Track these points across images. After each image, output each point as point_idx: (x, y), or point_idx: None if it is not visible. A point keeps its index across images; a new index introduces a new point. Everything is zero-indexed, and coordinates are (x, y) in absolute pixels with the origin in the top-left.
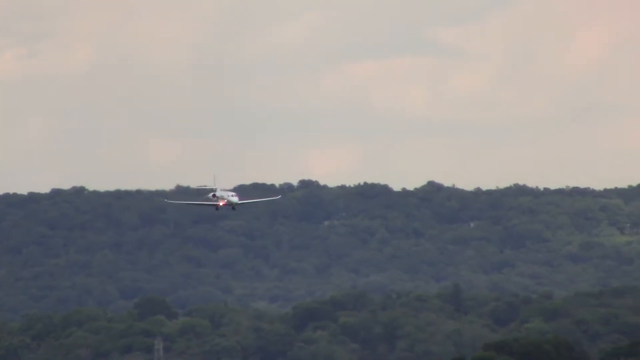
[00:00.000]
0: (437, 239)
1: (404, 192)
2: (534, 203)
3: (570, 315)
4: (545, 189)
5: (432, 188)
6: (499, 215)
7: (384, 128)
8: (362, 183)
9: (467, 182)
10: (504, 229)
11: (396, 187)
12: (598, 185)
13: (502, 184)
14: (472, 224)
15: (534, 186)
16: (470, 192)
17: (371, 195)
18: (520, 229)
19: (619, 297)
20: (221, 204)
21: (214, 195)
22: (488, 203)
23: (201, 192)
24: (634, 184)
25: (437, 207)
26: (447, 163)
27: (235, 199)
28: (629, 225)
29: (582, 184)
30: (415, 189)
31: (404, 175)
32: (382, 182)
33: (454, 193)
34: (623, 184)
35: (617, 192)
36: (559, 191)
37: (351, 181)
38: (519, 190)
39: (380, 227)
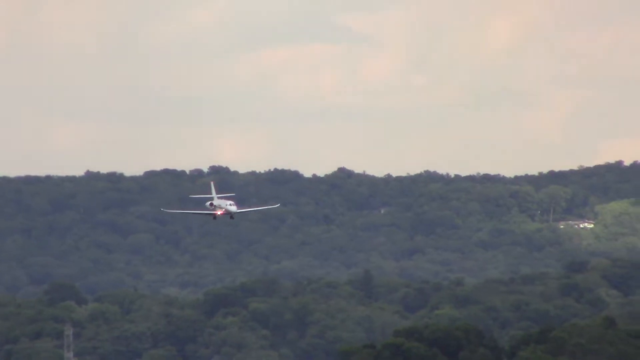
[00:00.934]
0: (348, 225)
1: (315, 179)
2: (444, 190)
3: (480, 302)
4: (455, 175)
5: (343, 174)
6: (409, 201)
7: (294, 114)
8: (272, 169)
9: (377, 168)
10: (415, 216)
11: (306, 173)
12: (508, 172)
13: (413, 171)
14: (382, 211)
15: (444, 173)
16: (381, 179)
17: (281, 182)
18: (431, 216)
19: (529, 284)
20: (219, 213)
21: (211, 204)
22: (398, 189)
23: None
24: (545, 171)
25: (348, 194)
26: (357, 149)
27: (233, 208)
28: (539, 212)
29: (492, 171)
30: (326, 175)
31: (314, 161)
32: (293, 168)
33: (364, 179)
34: (533, 171)
35: (527, 179)
36: (470, 178)
37: (262, 167)
38: (429, 177)
39: (291, 213)
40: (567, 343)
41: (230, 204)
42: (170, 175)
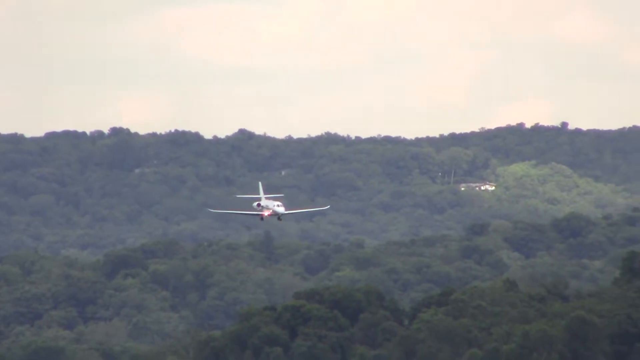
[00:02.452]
0: (249, 187)
1: (215, 140)
2: (345, 151)
3: (381, 264)
4: (356, 137)
5: (243, 136)
6: (310, 163)
7: (195, 75)
8: (173, 131)
9: (278, 130)
10: (316, 177)
11: (207, 134)
12: (409, 134)
13: (314, 133)
14: (283, 172)
15: (345, 135)
16: (282, 141)
17: (182, 143)
18: (332, 178)
19: (430, 246)
20: (266, 213)
21: (258, 205)
22: (299, 151)
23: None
24: (446, 133)
25: (249, 155)
26: (258, 111)
27: (281, 209)
28: (440, 174)
29: (393, 132)
30: (227, 136)
31: (215, 123)
32: (194, 129)
33: (265, 141)
34: (435, 133)
35: (428, 141)
36: (371, 140)
37: (162, 129)
38: (330, 139)
39: (192, 175)
40: (468, 305)
41: (278, 205)
42: (71, 137)
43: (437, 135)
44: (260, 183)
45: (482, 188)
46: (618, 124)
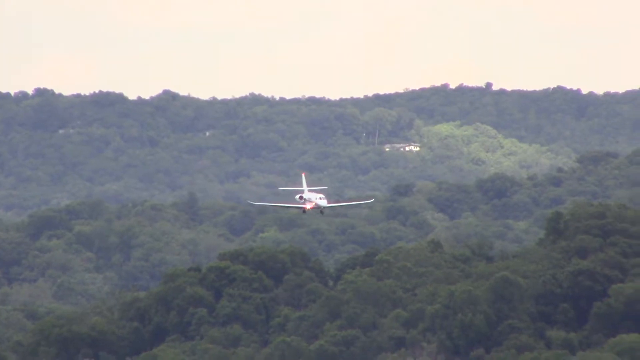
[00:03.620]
0: (173, 147)
1: (140, 101)
2: (269, 112)
3: (305, 225)
4: (280, 98)
5: (168, 97)
6: (234, 124)
7: (119, 36)
8: (97, 92)
9: (202, 91)
10: (240, 138)
11: (132, 95)
12: (334, 95)
13: (238, 94)
14: (207, 133)
15: (269, 96)
16: (206, 101)
17: (106, 104)
18: (256, 139)
19: (355, 207)
20: (308, 207)
21: (301, 197)
22: (223, 112)
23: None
24: (370, 93)
25: (173, 116)
26: (182, 72)
27: (324, 202)
28: (364, 134)
29: (317, 93)
30: (151, 97)
31: (139, 84)
32: (118, 90)
33: (189, 102)
34: (359, 93)
35: (352, 101)
36: (295, 100)
37: (86, 90)
38: (254, 100)
39: (116, 135)
40: (392, 266)
41: (321, 198)
42: None
43: (362, 96)
44: (304, 175)
45: (407, 149)
46: (542, 84)
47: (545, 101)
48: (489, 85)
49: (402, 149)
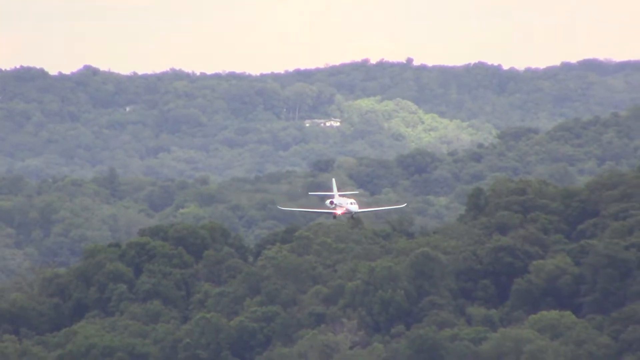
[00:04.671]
0: (93, 123)
1: (60, 76)
2: (190, 87)
3: (226, 201)
4: (201, 73)
5: (88, 72)
6: (155, 99)
7: (40, 11)
8: (18, 67)
9: (123, 65)
10: (160, 114)
11: (52, 70)
12: (255, 70)
13: (158, 69)
14: (128, 109)
15: (190, 71)
16: (126, 77)
17: (27, 79)
18: (176, 114)
19: (274, 183)
20: (339, 212)
21: (331, 202)
22: (144, 87)
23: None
24: (291, 68)
25: (93, 92)
26: (103, 47)
27: (355, 207)
28: (285, 110)
29: (238, 68)
30: (72, 73)
31: (60, 59)
32: (38, 65)
33: (109, 77)
34: (280, 68)
35: (273, 77)
36: (215, 76)
37: (7, 65)
38: (175, 75)
39: (36, 111)
40: (312, 242)
41: (352, 203)
42: None
43: (282, 71)
44: (334, 180)
45: (327, 124)
46: (463, 59)
47: (466, 77)
48: (409, 60)
49: (322, 125)
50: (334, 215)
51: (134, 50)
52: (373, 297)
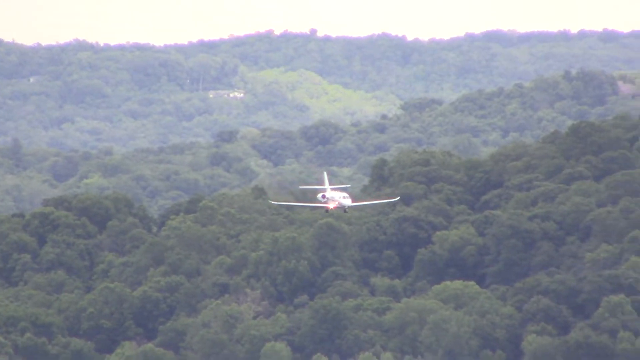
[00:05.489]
0: None
1: None
2: (94, 59)
3: (129, 172)
4: (105, 44)
5: None
6: (58, 70)
7: None
8: None
9: (27, 36)
10: (64, 85)
11: None
12: (158, 41)
13: (62, 39)
14: (31, 79)
15: (94, 42)
16: (30, 47)
17: None
18: (80, 85)
19: (178, 154)
20: (332, 206)
21: (323, 197)
22: (48, 58)
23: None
24: (194, 40)
25: None
26: (6, 17)
27: (348, 202)
28: (188, 81)
29: (142, 39)
30: None
31: None
32: None
33: (13, 48)
34: (183, 40)
35: (177, 48)
36: (119, 47)
37: None
38: (79, 46)
39: None
40: (216, 213)
41: (344, 197)
42: None
43: (186, 43)
44: (325, 173)
45: (231, 95)
46: (367, 31)
47: (370, 48)
48: (313, 31)
49: (226, 96)
50: (326, 210)
51: (37, 21)
52: (277, 268)
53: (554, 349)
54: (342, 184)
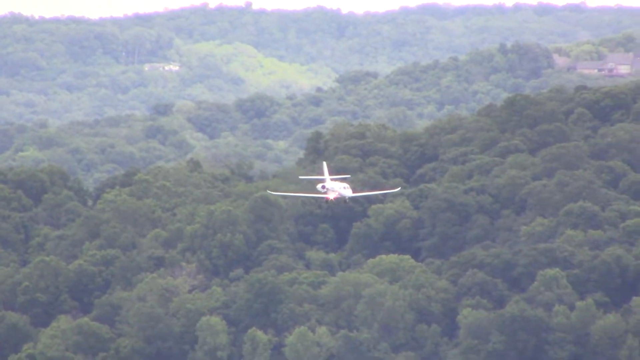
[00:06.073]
0: None
1: None
2: (29, 31)
3: (65, 144)
4: (40, 17)
5: None
6: None
7: None
8: None
9: None
10: None
11: None
12: (93, 14)
13: None
14: None
15: (29, 14)
16: None
17: None
18: (15, 58)
19: (114, 126)
20: (332, 197)
21: (323, 187)
22: None
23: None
24: (129, 13)
25: None
26: None
27: (348, 192)
28: (124, 54)
29: (77, 12)
30: None
31: None
32: None
33: None
34: (119, 12)
35: (112, 21)
36: (55, 20)
37: None
38: (14, 19)
39: None
40: (152, 186)
41: (345, 187)
42: None
43: (121, 15)
44: (324, 163)
45: (166, 68)
46: (302, 4)
47: (305, 21)
48: (248, 4)
49: (161, 69)
50: (326, 200)
51: None
52: (212, 241)
53: (489, 322)
54: (392, 189)
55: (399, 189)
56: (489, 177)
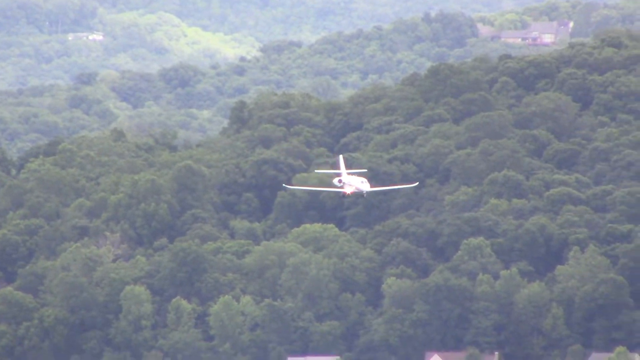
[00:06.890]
0: None
1: None
2: None
3: None
4: None
5: None
6: None
7: None
8: None
9: None
10: None
11: None
12: None
13: None
14: None
15: None
16: None
17: None
18: None
19: (37, 96)
20: (349, 191)
21: (340, 181)
22: None
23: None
24: None
25: None
26: None
27: (366, 187)
28: (47, 23)
29: None
30: None
31: None
32: None
33: None
34: None
35: None
36: None
37: None
38: None
39: None
40: (76, 155)
41: (362, 182)
42: None
43: None
44: (341, 157)
45: (90, 37)
46: None
47: None
48: None
49: (85, 38)
50: (343, 194)
51: None
52: (136, 211)
53: (414, 291)
54: (410, 184)
55: (417, 184)
56: (413, 146)
